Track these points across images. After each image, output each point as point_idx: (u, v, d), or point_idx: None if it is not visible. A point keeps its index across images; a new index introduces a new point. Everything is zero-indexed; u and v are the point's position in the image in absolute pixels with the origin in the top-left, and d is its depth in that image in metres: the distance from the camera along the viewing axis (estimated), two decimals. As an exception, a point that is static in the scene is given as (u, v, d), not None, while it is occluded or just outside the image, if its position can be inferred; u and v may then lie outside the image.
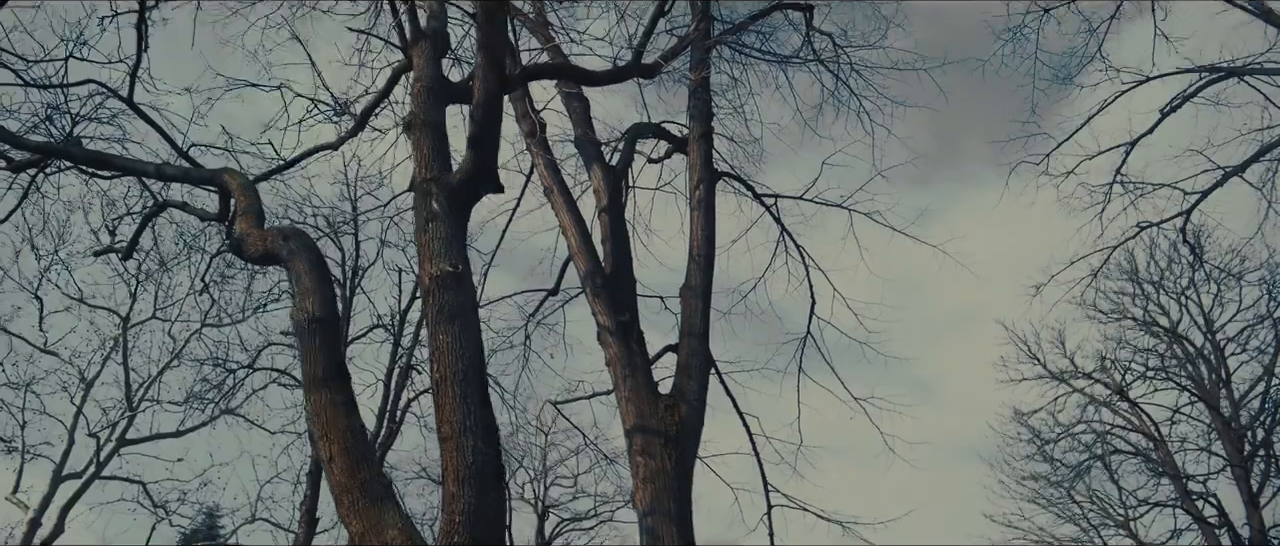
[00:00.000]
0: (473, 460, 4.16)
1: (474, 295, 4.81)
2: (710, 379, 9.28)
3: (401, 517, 4.12)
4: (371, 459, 4.42)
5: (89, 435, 20.13)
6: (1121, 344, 22.79)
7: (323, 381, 4.53)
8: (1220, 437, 21.34)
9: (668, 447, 7.89)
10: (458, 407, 4.29)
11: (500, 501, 4.24)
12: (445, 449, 4.28)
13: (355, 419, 4.50)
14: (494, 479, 4.20)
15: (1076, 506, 21.49)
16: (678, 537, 7.43)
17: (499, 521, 4.19)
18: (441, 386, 4.42)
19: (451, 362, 4.42)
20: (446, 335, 4.46)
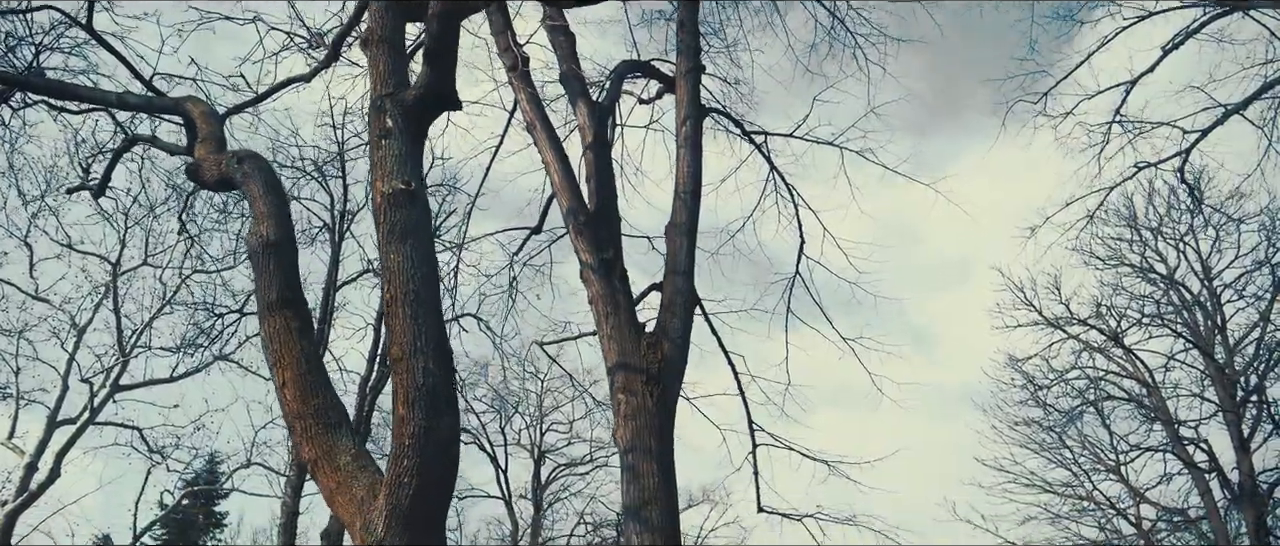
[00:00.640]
0: (423, 382, 4.02)
1: (428, 214, 4.64)
2: (696, 319, 9.16)
3: (355, 444, 4.01)
4: (326, 385, 4.30)
5: (82, 381, 20.14)
6: (1118, 290, 22.74)
7: (277, 306, 4.39)
8: (1213, 384, 21.38)
9: (649, 385, 7.78)
10: (408, 328, 4.15)
11: (453, 425, 4.11)
12: (396, 370, 4.15)
13: (310, 344, 4.37)
14: (446, 402, 4.06)
15: (1068, 451, 21.61)
16: (658, 475, 7.37)
17: (451, 446, 4.07)
18: (392, 307, 4.26)
19: (402, 283, 4.26)
20: (398, 254, 4.29)
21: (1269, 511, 20.22)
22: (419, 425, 3.89)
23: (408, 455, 3.84)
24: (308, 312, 4.42)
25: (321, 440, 4.05)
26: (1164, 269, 22.53)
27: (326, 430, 4.09)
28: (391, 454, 3.96)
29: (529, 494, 28.96)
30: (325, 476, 4.03)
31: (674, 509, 7.41)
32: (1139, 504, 21.14)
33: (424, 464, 3.85)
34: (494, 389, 26.48)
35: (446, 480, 3.99)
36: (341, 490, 3.96)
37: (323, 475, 4.05)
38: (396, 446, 3.94)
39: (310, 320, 4.41)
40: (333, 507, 4.09)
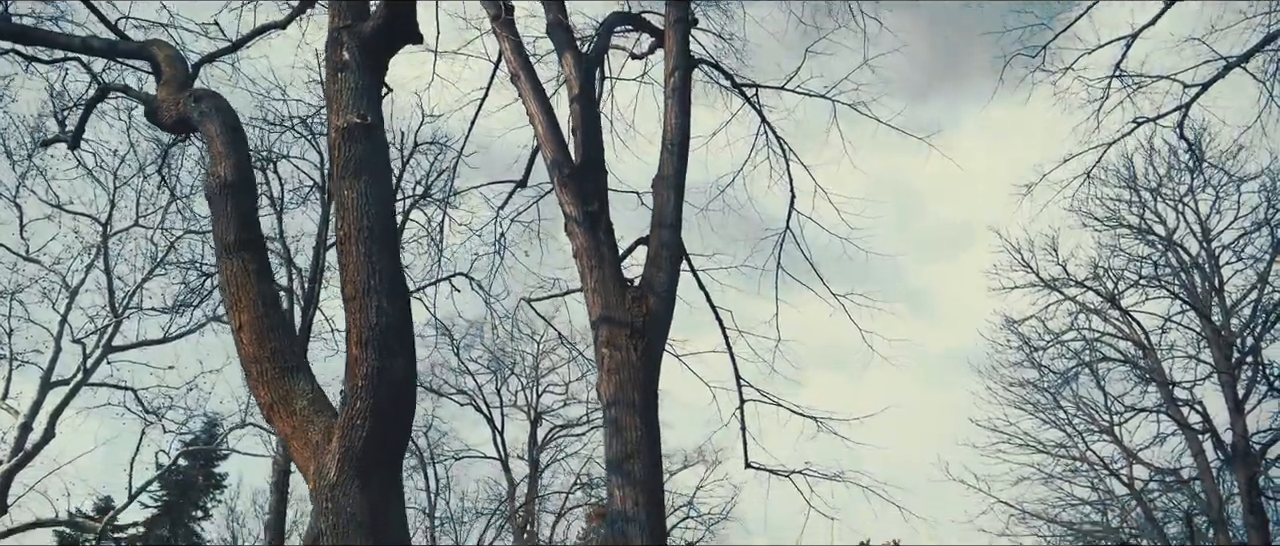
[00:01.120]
0: (376, 321, 3.90)
1: (385, 149, 4.48)
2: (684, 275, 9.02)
3: (312, 388, 3.89)
4: (284, 328, 4.17)
5: (74, 341, 20.06)
6: (1116, 252, 22.60)
7: (235, 248, 4.25)
8: (1210, 345, 21.32)
9: (634, 339, 7.67)
10: (362, 266, 4.01)
11: (408, 365, 3.99)
12: (349, 310, 4.02)
13: (267, 287, 4.24)
14: (400, 342, 3.94)
15: (1062, 412, 21.62)
16: (642, 428, 7.28)
17: (407, 386, 3.95)
18: (345, 244, 4.12)
19: (356, 219, 4.12)
20: (352, 190, 4.14)
21: (1262, 472, 20.28)
22: (372, 366, 3.77)
23: (361, 397, 3.73)
24: (266, 255, 4.28)
25: (278, 384, 3.94)
26: (1163, 230, 22.40)
27: (283, 374, 3.97)
28: (344, 396, 3.84)
29: (525, 454, 29.08)
30: (281, 421, 3.92)
31: (657, 462, 7.34)
32: (1132, 464, 21.20)
33: (378, 405, 3.73)
34: (490, 350, 26.45)
35: (402, 422, 3.88)
36: (297, 435, 3.85)
37: (279, 419, 3.94)
38: (349, 388, 3.82)
39: (268, 263, 4.28)
40: (291, 452, 3.99)
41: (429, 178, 17.02)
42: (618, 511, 7.01)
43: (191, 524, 39.60)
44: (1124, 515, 21.19)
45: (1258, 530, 19.67)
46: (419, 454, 27.59)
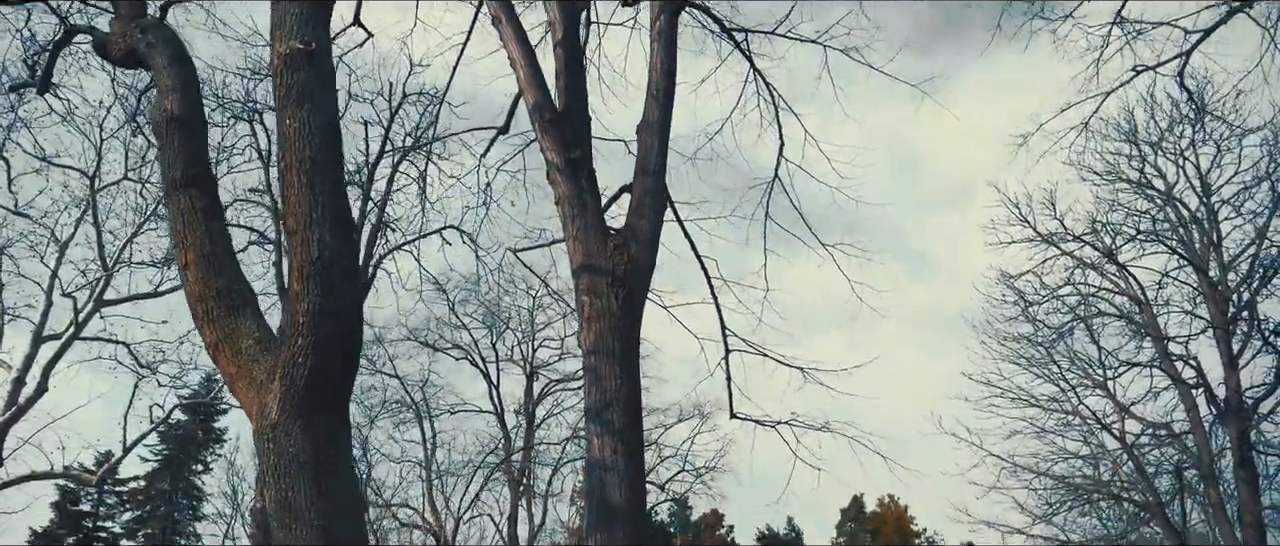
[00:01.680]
0: (318, 255, 3.75)
1: (330, 77, 4.29)
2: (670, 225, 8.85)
3: (259, 327, 3.75)
4: (232, 267, 4.03)
5: (64, 295, 19.97)
6: (1114, 206, 22.40)
7: (181, 184, 4.10)
8: (1206, 300, 21.24)
9: (615, 287, 7.53)
10: (304, 198, 3.85)
11: (352, 300, 3.85)
12: (291, 243, 3.87)
13: (216, 225, 4.09)
14: (344, 276, 3.79)
15: (1056, 366, 21.59)
16: (622, 377, 7.18)
17: (351, 322, 3.81)
18: (287, 175, 3.96)
19: (299, 149, 3.94)
20: (294, 119, 3.96)
21: (1253, 426, 20.31)
22: (314, 301, 3.63)
23: (302, 333, 3.59)
24: (215, 192, 4.13)
25: (223, 323, 3.81)
26: (1162, 185, 22.18)
27: (229, 312, 3.84)
28: (286, 332, 3.71)
29: (521, 408, 29.17)
30: (226, 361, 3.80)
31: (637, 411, 7.25)
32: (1124, 419, 21.22)
33: (320, 342, 3.60)
34: (484, 304, 26.37)
35: (347, 358, 3.75)
36: (242, 375, 3.73)
37: (223, 359, 3.82)
38: (290, 324, 3.69)
39: (217, 201, 4.12)
40: (234, 393, 3.88)
41: (419, 129, 16.78)
42: (596, 460, 6.94)
43: (192, 477, 40.03)
44: (1115, 468, 21.28)
45: (1247, 484, 19.76)
46: (415, 407, 27.70)
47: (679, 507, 38.65)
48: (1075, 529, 22.38)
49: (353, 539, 3.66)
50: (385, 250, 17.07)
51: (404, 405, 27.22)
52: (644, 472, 7.22)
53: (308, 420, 3.56)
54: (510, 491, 27.25)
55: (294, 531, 3.59)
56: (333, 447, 3.66)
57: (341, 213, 3.88)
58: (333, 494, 3.65)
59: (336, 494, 3.67)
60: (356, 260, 3.91)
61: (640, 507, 6.98)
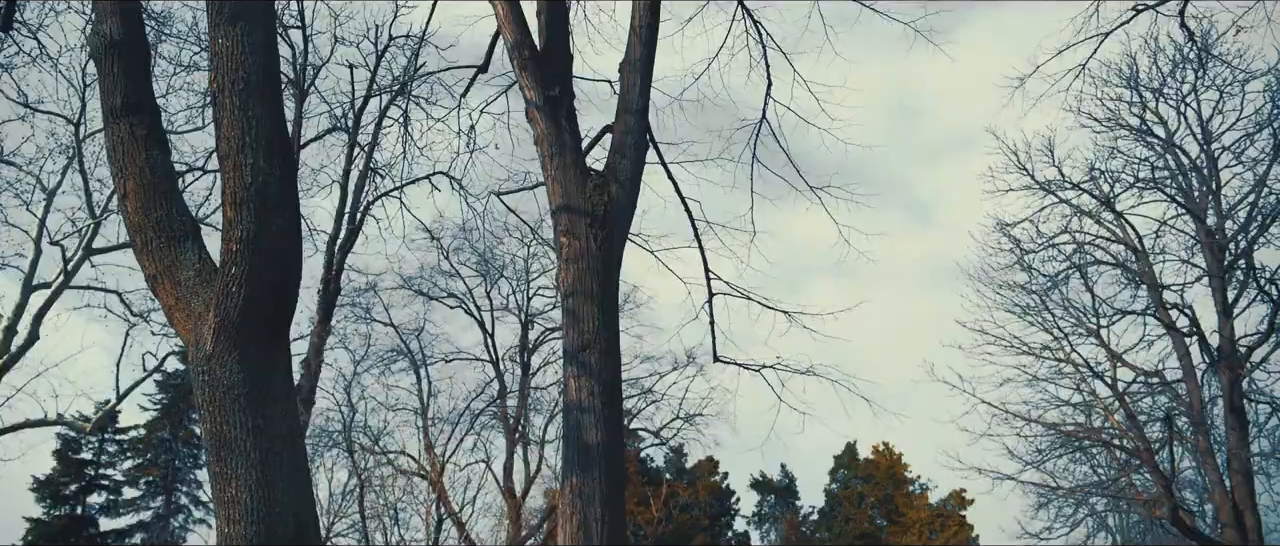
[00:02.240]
0: (252, 180, 3.60)
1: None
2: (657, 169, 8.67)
3: (200, 258, 3.61)
4: (172, 196, 3.88)
5: (51, 244, 19.81)
6: (1113, 153, 22.13)
7: (121, 112, 3.92)
8: (1203, 248, 21.11)
9: (594, 228, 7.38)
10: (236, 121, 3.68)
11: (288, 227, 3.70)
12: (223, 169, 3.72)
13: (156, 153, 3.92)
14: (279, 202, 3.64)
15: (1049, 314, 21.52)
16: (600, 319, 7.06)
17: (287, 251, 3.67)
18: (220, 97, 3.79)
19: (231, 70, 3.76)
20: (227, 38, 3.77)
21: (1245, 374, 20.34)
22: (248, 229, 3.48)
23: (236, 262, 3.46)
24: (156, 120, 3.95)
25: (163, 254, 3.66)
26: (1162, 132, 21.88)
27: (169, 243, 3.70)
28: (219, 262, 3.57)
29: (517, 357, 29.21)
30: (165, 293, 3.67)
31: (615, 354, 7.15)
32: (1116, 366, 21.23)
33: (254, 271, 3.46)
34: (478, 253, 26.22)
35: (283, 288, 3.61)
36: (180, 307, 3.60)
37: (163, 292, 3.69)
38: (224, 253, 3.54)
39: (160, 128, 3.94)
40: (174, 325, 3.75)
41: (407, 73, 16.43)
42: (573, 402, 6.86)
43: (192, 425, 40.35)
44: (1106, 416, 21.35)
45: (1237, 431, 19.84)
46: (411, 356, 27.71)
47: (674, 454, 39.03)
48: (1066, 475, 22.58)
49: (292, 473, 3.57)
50: (373, 196, 16.87)
51: (399, 353, 27.25)
52: (622, 415, 7.15)
53: (243, 351, 3.44)
54: (505, 439, 27.42)
55: (230, 464, 3.49)
56: (270, 379, 3.55)
57: (277, 137, 3.71)
58: (270, 427, 3.55)
59: (275, 427, 3.57)
60: (294, 187, 3.76)
61: (618, 449, 6.92)
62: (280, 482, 3.54)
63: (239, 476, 3.50)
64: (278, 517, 3.47)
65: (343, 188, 16.61)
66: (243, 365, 3.51)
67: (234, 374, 3.51)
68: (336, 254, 16.51)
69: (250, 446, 3.49)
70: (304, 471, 3.65)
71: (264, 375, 3.56)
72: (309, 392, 15.52)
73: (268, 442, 3.53)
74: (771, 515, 45.03)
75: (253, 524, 3.44)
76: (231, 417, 3.53)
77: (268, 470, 3.52)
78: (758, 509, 45.07)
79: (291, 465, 3.58)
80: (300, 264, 3.82)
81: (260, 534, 3.41)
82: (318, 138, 17.72)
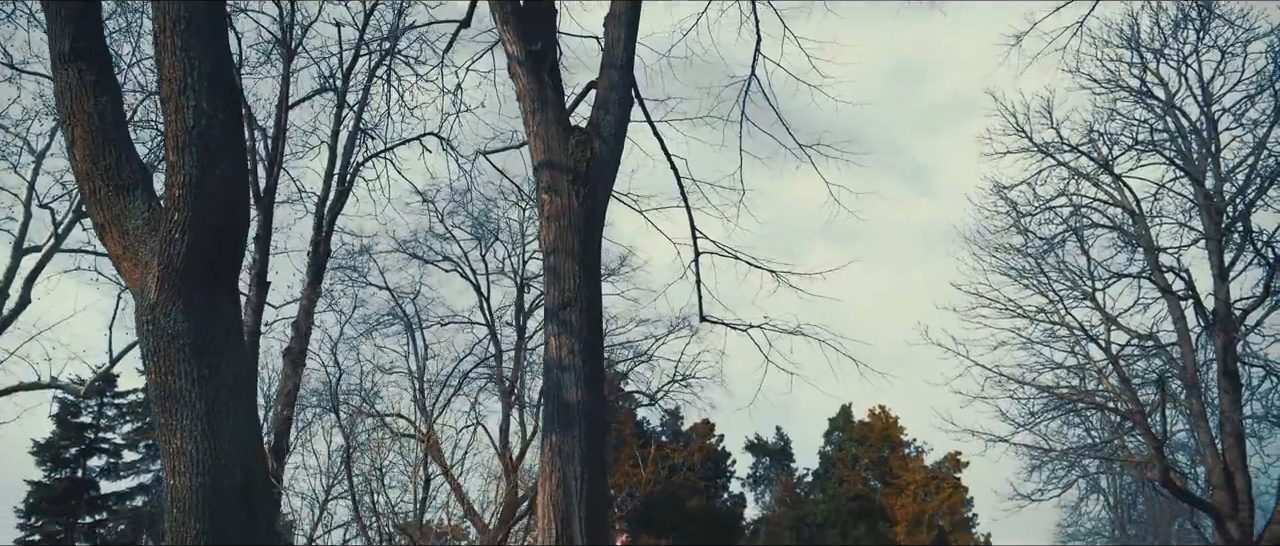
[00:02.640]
0: (194, 123, 3.48)
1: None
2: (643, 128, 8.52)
3: (149, 207, 3.51)
4: (122, 144, 3.77)
5: (41, 206, 19.67)
6: (1113, 115, 21.91)
7: (69, 57, 3.80)
8: (1200, 211, 20.99)
9: (576, 185, 7.26)
10: (178, 62, 3.56)
11: (233, 171, 3.59)
12: (165, 112, 3.60)
13: (105, 101, 3.80)
14: (223, 146, 3.52)
15: (1045, 277, 21.45)
16: (581, 276, 6.97)
17: (233, 194, 3.56)
18: (161, 37, 3.66)
19: (172, 10, 3.62)
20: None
21: (1240, 338, 20.32)
22: (191, 173, 3.38)
23: (179, 208, 3.36)
24: (106, 66, 3.82)
25: (111, 203, 3.56)
26: (1163, 94, 21.64)
27: (117, 192, 3.59)
28: (162, 208, 3.47)
29: (513, 321, 29.17)
30: (113, 242, 3.58)
31: (596, 312, 7.07)
32: (1110, 329, 21.21)
33: (198, 217, 3.36)
34: (472, 215, 26.05)
35: (230, 235, 3.51)
36: (128, 256, 3.51)
37: (111, 241, 3.59)
38: (166, 199, 3.44)
39: (110, 75, 3.82)
40: (123, 276, 3.66)
41: (394, 29, 16.17)
42: (553, 360, 6.79)
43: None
44: (1100, 379, 21.37)
45: (1230, 394, 19.87)
46: (406, 319, 27.67)
47: (670, 417, 39.23)
48: (1058, 438, 22.65)
49: (240, 424, 3.50)
50: (363, 157, 16.70)
51: (395, 316, 27.21)
52: (603, 373, 7.09)
53: (188, 300, 3.35)
54: (501, 401, 27.48)
55: (175, 415, 3.42)
56: (216, 328, 3.46)
57: (221, 77, 3.58)
58: (217, 377, 3.47)
59: (221, 377, 3.49)
60: (240, 130, 3.64)
61: (599, 408, 6.86)
62: (227, 434, 3.47)
63: (184, 427, 3.43)
64: (224, 469, 3.41)
65: (331, 148, 16.45)
66: (187, 314, 3.42)
67: (179, 323, 3.42)
68: (326, 215, 16.37)
69: (196, 397, 3.42)
70: (253, 422, 3.58)
71: (209, 324, 3.47)
72: (299, 354, 15.48)
73: (214, 393, 3.46)
74: (766, 477, 45.40)
75: (198, 475, 3.38)
76: (176, 368, 3.45)
77: (214, 421, 3.44)
78: (753, 471, 45.43)
79: (239, 416, 3.50)
80: (247, 209, 3.71)
81: (206, 485, 3.35)
82: (307, 99, 17.51)
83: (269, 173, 16.54)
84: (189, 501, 3.40)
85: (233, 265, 3.67)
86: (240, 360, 3.62)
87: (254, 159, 16.71)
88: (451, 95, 10.51)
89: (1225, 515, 19.47)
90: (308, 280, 16.14)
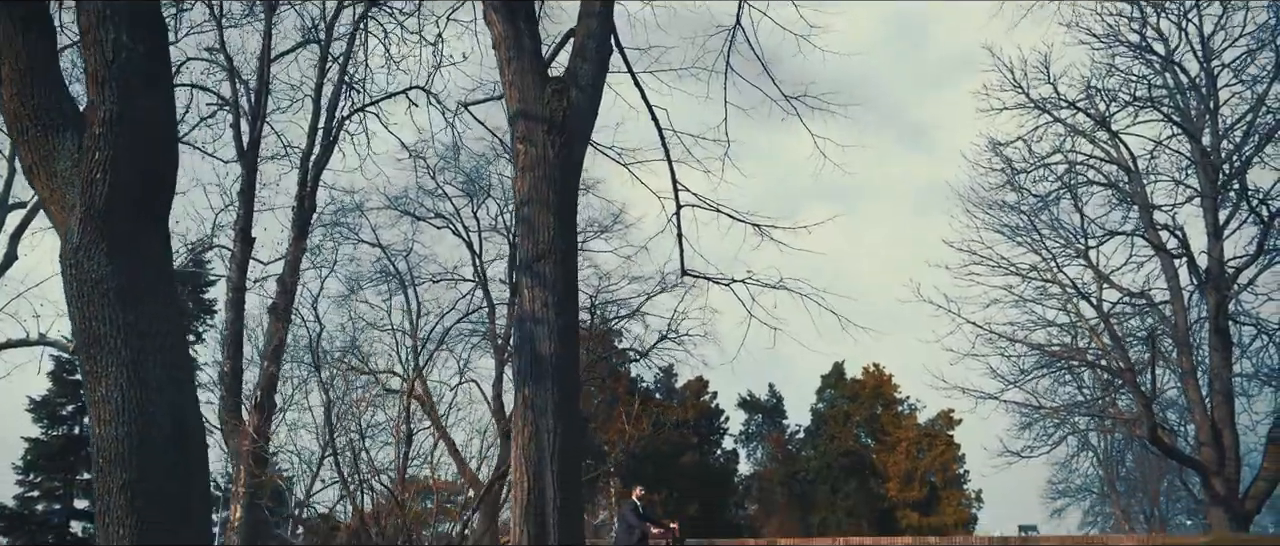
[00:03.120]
0: (113, 57, 3.32)
1: None
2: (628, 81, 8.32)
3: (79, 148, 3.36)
4: (54, 85, 3.61)
5: (24, 160, 19.41)
6: (1111, 71, 21.60)
7: (1, -8, 3.60)
8: (1197, 168, 20.80)
9: (551, 134, 7.09)
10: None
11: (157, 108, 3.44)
12: (84, 45, 3.45)
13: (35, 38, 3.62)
14: (145, 80, 3.37)
15: (1038, 235, 21.33)
16: (556, 227, 6.83)
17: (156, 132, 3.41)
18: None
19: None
20: None
21: (1232, 297, 20.27)
22: (111, 109, 3.23)
23: (99, 146, 3.21)
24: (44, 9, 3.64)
25: (40, 144, 3.42)
26: (1162, 49, 21.31)
27: (46, 133, 3.45)
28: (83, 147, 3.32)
29: (506, 278, 29.08)
30: (41, 184, 3.44)
31: (571, 264, 6.95)
32: (1102, 287, 21.15)
33: (120, 156, 3.22)
34: (464, 172, 25.80)
35: (156, 173, 3.36)
36: (55, 198, 3.39)
37: (39, 183, 3.46)
38: (87, 138, 3.29)
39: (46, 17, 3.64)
40: (51, 220, 3.53)
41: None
42: (527, 312, 6.69)
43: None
44: (1092, 337, 21.36)
45: (1220, 352, 19.87)
46: (399, 276, 27.56)
47: (664, 374, 39.35)
48: (1050, 396, 22.71)
49: (170, 372, 3.39)
50: (348, 111, 16.44)
51: (387, 274, 27.10)
52: (577, 326, 6.99)
53: (112, 242, 3.22)
54: (494, 358, 27.49)
55: (100, 362, 3.32)
56: (143, 272, 3.34)
57: (143, 9, 3.40)
58: (144, 323, 3.35)
59: (149, 323, 3.38)
60: (166, 66, 3.48)
61: (572, 361, 6.78)
62: (154, 382, 3.36)
63: (110, 375, 3.32)
64: (152, 418, 3.31)
65: (315, 102, 16.17)
66: (111, 257, 3.29)
67: (102, 267, 3.29)
68: (311, 170, 16.16)
69: (121, 344, 3.31)
70: (185, 370, 3.47)
71: (135, 268, 3.34)
72: (285, 310, 15.38)
73: (140, 340, 3.34)
74: (759, 434, 45.72)
75: (125, 424, 3.28)
76: (101, 313, 3.33)
77: (140, 368, 3.34)
78: (745, 427, 45.74)
79: (169, 363, 3.39)
80: (175, 148, 3.56)
81: (133, 434, 3.25)
82: (290, 52, 17.19)
83: (253, 127, 16.30)
84: (114, 451, 3.30)
85: (159, 206, 3.52)
86: (170, 305, 3.49)
87: (237, 113, 16.45)
88: (432, 46, 10.21)
89: (1212, 471, 19.58)
90: (293, 236, 15.99)
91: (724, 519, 38.71)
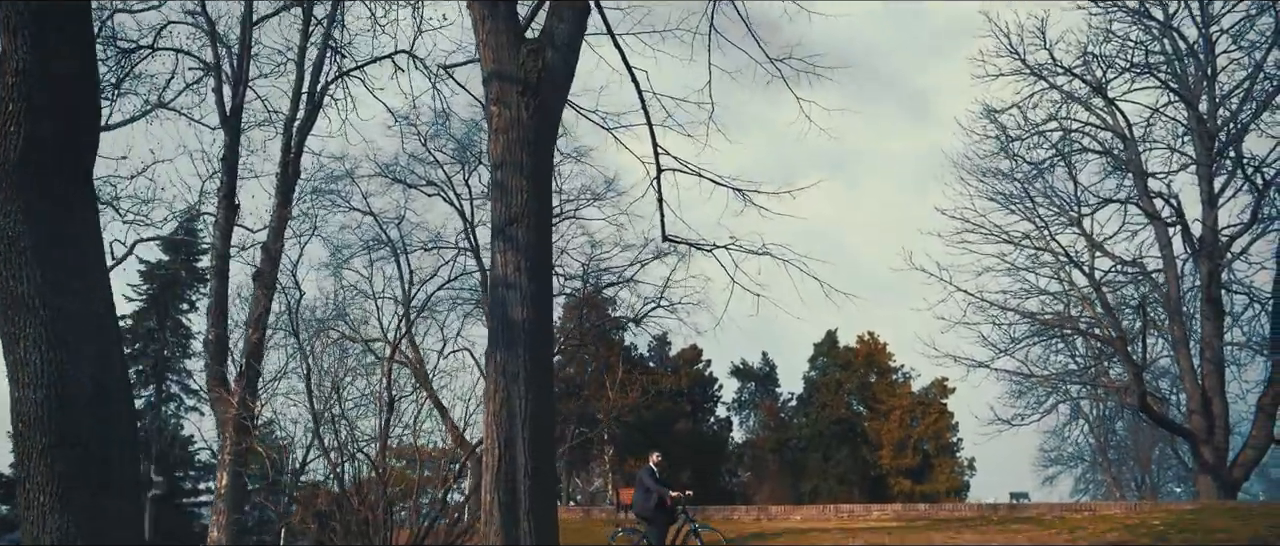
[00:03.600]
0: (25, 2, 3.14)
1: None
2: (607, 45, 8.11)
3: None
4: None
5: (9, 126, 19.12)
6: (1108, 36, 21.33)
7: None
8: (1192, 136, 20.63)
9: (525, 96, 6.92)
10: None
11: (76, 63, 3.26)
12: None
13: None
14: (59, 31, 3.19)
15: (1031, 203, 21.19)
16: (530, 191, 6.69)
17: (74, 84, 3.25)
18: None
19: None
20: None
21: (1225, 265, 20.19)
22: (24, 59, 3.07)
23: (12, 97, 3.05)
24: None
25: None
26: (1161, 14, 21.06)
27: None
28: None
29: (496, 246, 28.89)
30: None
31: (545, 229, 6.82)
32: (1095, 255, 21.06)
33: (35, 108, 3.06)
34: (456, 139, 25.51)
35: (75, 127, 3.21)
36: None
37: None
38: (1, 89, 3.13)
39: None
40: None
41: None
42: (500, 278, 6.57)
43: (178, 315, 40.42)
44: (1084, 305, 21.31)
45: (1212, 320, 19.84)
46: (391, 244, 27.39)
47: (658, 342, 39.33)
48: (1041, 364, 22.71)
49: (91, 334, 3.27)
50: (333, 76, 16.18)
51: (380, 242, 26.91)
52: (551, 291, 6.87)
53: (28, 200, 3.09)
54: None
55: (18, 324, 3.20)
56: (65, 229, 3.21)
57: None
58: (67, 283, 3.23)
59: (69, 282, 3.26)
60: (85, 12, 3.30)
61: (545, 327, 6.68)
62: (74, 343, 3.25)
63: (28, 336, 3.20)
64: (72, 381, 3.20)
65: (299, 66, 15.90)
66: (27, 215, 3.15)
67: (18, 224, 3.16)
68: (295, 136, 15.94)
69: (39, 304, 3.18)
70: (109, 332, 3.35)
71: (55, 226, 3.21)
72: (270, 276, 15.25)
73: (60, 300, 3.22)
74: (752, 401, 45.85)
75: (43, 387, 3.17)
76: (18, 272, 3.20)
77: (59, 329, 3.22)
78: (738, 395, 45.87)
79: (90, 325, 3.27)
80: (95, 100, 3.40)
81: (52, 398, 3.15)
82: (273, 14, 16.88)
83: (235, 92, 16.04)
84: (34, 413, 3.20)
85: (80, 162, 3.37)
86: (95, 264, 3.36)
87: (220, 78, 16.18)
88: (412, 7, 9.99)
89: (1201, 439, 19.64)
90: (277, 202, 15.82)
91: (717, 486, 38.92)
